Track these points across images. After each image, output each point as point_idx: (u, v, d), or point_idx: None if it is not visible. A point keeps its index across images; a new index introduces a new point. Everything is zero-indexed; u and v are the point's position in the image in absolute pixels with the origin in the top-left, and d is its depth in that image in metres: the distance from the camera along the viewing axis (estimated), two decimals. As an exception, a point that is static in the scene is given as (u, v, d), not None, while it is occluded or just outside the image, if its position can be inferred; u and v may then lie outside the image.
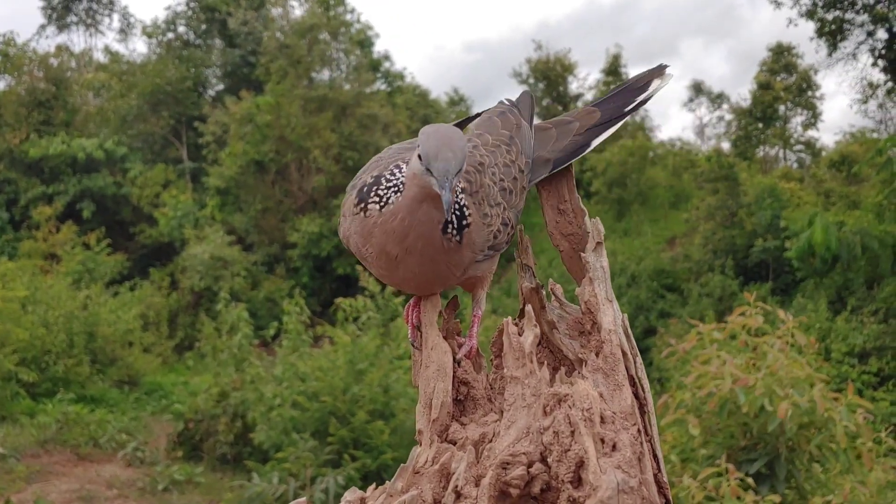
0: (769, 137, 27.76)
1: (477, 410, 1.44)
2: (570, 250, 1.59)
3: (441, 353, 1.47)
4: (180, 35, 29.26)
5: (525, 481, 1.21)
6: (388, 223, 1.44)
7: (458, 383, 1.46)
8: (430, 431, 1.39)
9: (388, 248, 1.45)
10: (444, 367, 1.44)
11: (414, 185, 1.40)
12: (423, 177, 1.37)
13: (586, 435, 1.19)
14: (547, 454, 1.22)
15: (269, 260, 22.17)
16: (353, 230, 1.52)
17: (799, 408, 4.51)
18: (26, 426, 12.10)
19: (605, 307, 1.49)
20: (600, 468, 1.16)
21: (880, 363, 13.17)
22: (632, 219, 23.86)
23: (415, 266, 1.46)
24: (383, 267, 1.49)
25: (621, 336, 1.45)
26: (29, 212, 22.91)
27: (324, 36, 24.56)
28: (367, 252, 1.50)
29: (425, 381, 1.45)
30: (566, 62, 29.88)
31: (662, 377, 12.44)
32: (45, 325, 14.55)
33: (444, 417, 1.40)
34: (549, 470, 1.22)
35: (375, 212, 1.46)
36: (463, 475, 1.25)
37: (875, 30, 18.62)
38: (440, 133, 1.41)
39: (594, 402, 1.23)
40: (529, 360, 1.37)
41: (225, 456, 11.50)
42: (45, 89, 25.56)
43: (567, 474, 1.18)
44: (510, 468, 1.21)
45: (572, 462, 1.19)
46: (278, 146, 22.68)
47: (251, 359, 12.10)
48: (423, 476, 1.31)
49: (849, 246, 14.36)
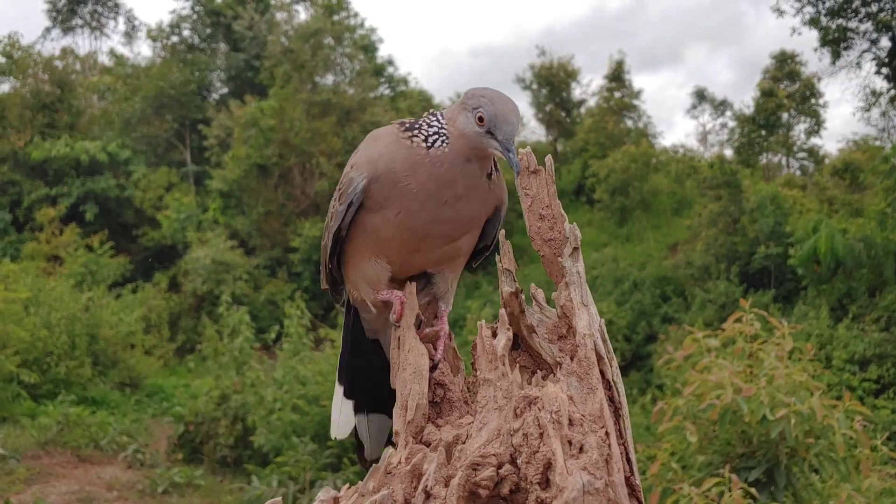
0: (772, 145, 27.77)
1: (453, 412, 1.46)
2: (551, 255, 1.61)
3: (417, 356, 1.48)
4: (185, 39, 29.36)
5: (494, 482, 1.22)
6: (436, 167, 1.49)
7: (435, 385, 1.48)
8: (406, 433, 1.40)
9: (437, 190, 1.50)
10: (421, 370, 1.46)
11: (463, 143, 1.49)
12: (478, 138, 1.47)
13: (554, 437, 1.22)
14: (517, 456, 1.24)
15: (271, 263, 22.20)
16: (397, 155, 1.52)
17: (800, 415, 4.51)
18: (27, 427, 12.10)
19: (581, 311, 1.50)
20: (567, 470, 1.18)
21: (881, 370, 13.15)
22: (634, 225, 23.87)
23: (463, 208, 1.53)
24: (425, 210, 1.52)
25: (597, 340, 1.48)
26: (32, 214, 22.97)
27: (328, 41, 24.62)
28: (406, 181, 1.51)
29: (402, 383, 1.47)
30: (569, 68, 29.91)
31: (664, 384, 12.43)
32: (47, 326, 14.57)
33: (419, 419, 1.41)
34: (518, 471, 1.23)
35: (422, 147, 1.51)
36: (433, 476, 1.26)
37: (878, 38, 18.64)
38: (503, 99, 1.49)
39: (563, 405, 1.25)
40: (502, 362, 1.39)
41: (225, 459, 11.51)
42: (49, 92, 25.64)
43: (535, 476, 1.20)
44: (480, 469, 1.23)
45: (540, 464, 1.21)
46: (281, 150, 22.73)
47: (252, 362, 12.12)
48: (394, 476, 1.32)
49: (853, 253, 14.36)
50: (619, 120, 28.65)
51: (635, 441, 5.56)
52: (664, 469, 5.06)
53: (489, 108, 1.46)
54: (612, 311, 17.36)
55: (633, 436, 5.44)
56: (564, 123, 30.60)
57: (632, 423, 5.69)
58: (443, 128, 1.52)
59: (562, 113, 30.60)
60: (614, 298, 18.23)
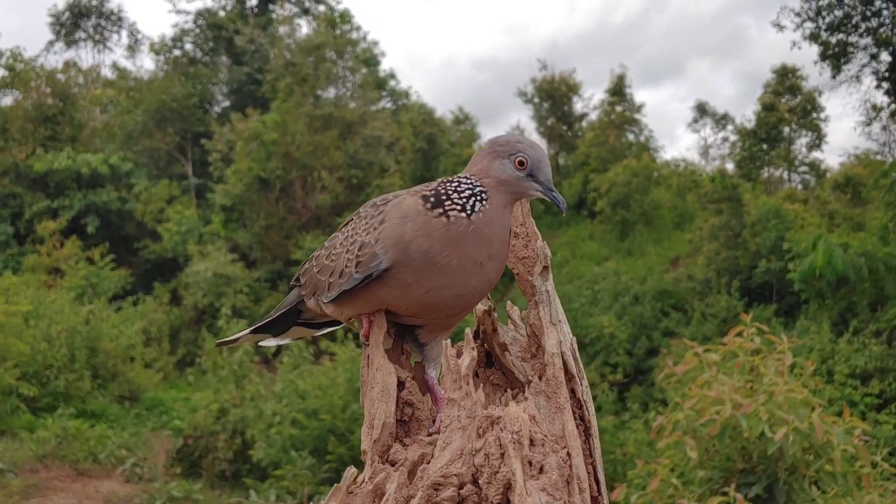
0: (773, 159, 27.78)
1: (421, 431, 1.45)
2: (525, 273, 1.61)
3: (385, 375, 1.47)
4: (187, 52, 29.46)
5: (456, 502, 1.21)
6: (482, 230, 1.47)
7: (403, 404, 1.47)
8: (372, 451, 1.40)
9: (476, 254, 1.47)
10: (388, 389, 1.46)
11: (503, 190, 1.49)
12: (520, 182, 1.50)
13: (514, 457, 1.21)
14: (478, 476, 1.23)
15: (271, 276, 22.19)
16: (433, 235, 1.46)
17: (799, 432, 4.48)
18: (26, 441, 12.07)
19: (550, 330, 1.51)
20: (526, 491, 1.17)
21: (882, 385, 13.09)
22: (635, 239, 23.84)
23: (491, 272, 1.50)
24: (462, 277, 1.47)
25: (568, 358, 1.47)
26: (33, 226, 22.97)
27: (330, 54, 24.70)
28: (447, 259, 1.46)
29: (370, 401, 1.46)
30: (571, 82, 29.98)
31: (666, 398, 12.38)
32: (47, 339, 14.55)
33: (385, 438, 1.41)
34: (479, 491, 1.22)
35: (461, 218, 1.47)
36: (393, 495, 1.26)
37: (878, 53, 18.68)
38: (540, 147, 1.54)
39: (524, 425, 1.24)
40: (465, 382, 1.38)
41: (224, 473, 11.46)
42: (51, 105, 25.73)
43: (496, 496, 1.19)
44: (441, 489, 1.22)
45: (501, 484, 1.20)
46: (283, 163, 22.76)
47: (251, 376, 12.09)
48: (356, 496, 1.32)
49: (855, 268, 14.32)
50: (620, 134, 28.68)
51: (638, 456, 5.57)
52: (664, 485, 5.03)
53: (530, 153, 1.50)
54: (612, 324, 17.31)
55: (636, 451, 5.47)
56: (566, 137, 30.65)
57: (634, 438, 5.73)
58: (476, 185, 1.50)
59: (563, 127, 30.65)
60: (615, 312, 18.18)
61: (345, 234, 1.63)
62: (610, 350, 17.01)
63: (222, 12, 29.15)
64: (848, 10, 18.31)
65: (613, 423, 13.19)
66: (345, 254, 1.57)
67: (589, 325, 17.53)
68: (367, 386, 1.49)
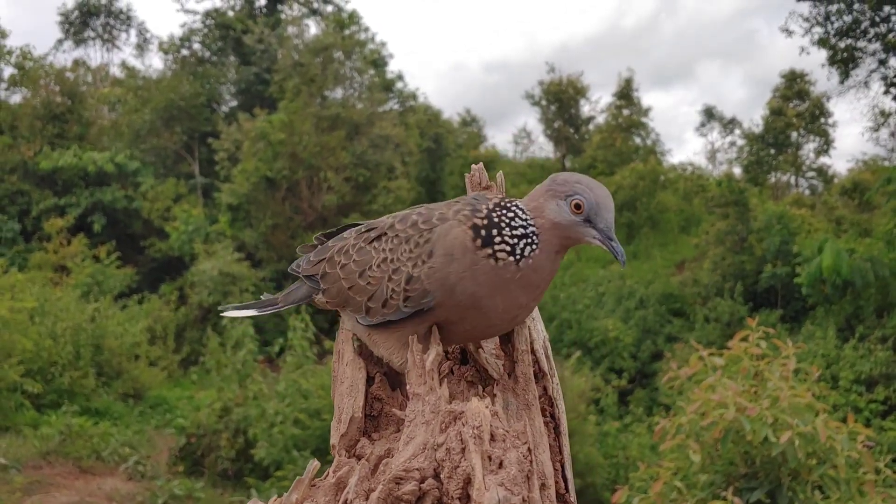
0: (781, 164, 27.72)
1: (390, 427, 1.45)
2: None
3: (355, 370, 1.48)
4: (195, 52, 29.52)
5: (416, 496, 1.22)
6: (529, 277, 1.39)
7: (373, 399, 1.48)
8: (340, 446, 1.41)
9: (521, 300, 1.40)
10: (357, 384, 1.47)
11: (556, 234, 1.40)
12: (575, 227, 1.39)
13: (474, 452, 1.22)
14: (440, 470, 1.25)
15: (277, 276, 22.20)
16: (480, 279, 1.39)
17: (803, 437, 4.46)
18: (29, 437, 12.08)
19: (521, 328, 1.51)
20: (485, 485, 1.19)
21: (888, 392, 13.05)
22: (641, 242, 23.82)
23: (531, 309, 1.45)
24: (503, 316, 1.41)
25: (540, 356, 1.49)
26: (40, 223, 23.03)
27: (338, 55, 24.72)
28: (492, 303, 1.40)
29: (339, 396, 1.48)
30: (578, 85, 29.97)
31: (669, 403, 12.35)
32: (52, 336, 14.58)
33: (353, 432, 1.42)
34: (441, 486, 1.24)
35: (510, 263, 1.38)
36: (353, 488, 1.27)
37: (887, 58, 18.62)
38: (600, 185, 1.43)
39: (485, 421, 1.26)
40: (430, 377, 1.39)
41: (226, 472, 11.47)
42: (60, 103, 25.79)
43: (456, 491, 1.21)
44: (403, 483, 1.23)
45: (461, 479, 1.21)
46: (290, 163, 22.77)
47: (255, 375, 12.09)
48: (319, 489, 1.33)
49: (860, 273, 14.28)
50: (627, 137, 28.67)
51: (641, 460, 5.57)
52: (667, 488, 5.01)
53: (589, 196, 1.40)
54: (617, 328, 17.29)
55: (639, 455, 5.47)
56: (573, 140, 30.64)
57: (637, 442, 5.74)
58: (529, 224, 1.41)
59: (570, 129, 30.65)
60: (619, 315, 18.16)
61: (380, 254, 1.50)
62: (615, 354, 16.98)
63: (231, 12, 29.20)
64: (857, 15, 18.26)
65: (616, 427, 13.17)
66: (387, 281, 1.46)
67: (594, 329, 17.51)
68: (338, 381, 1.50)
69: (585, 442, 11.32)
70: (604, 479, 11.13)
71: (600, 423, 12.92)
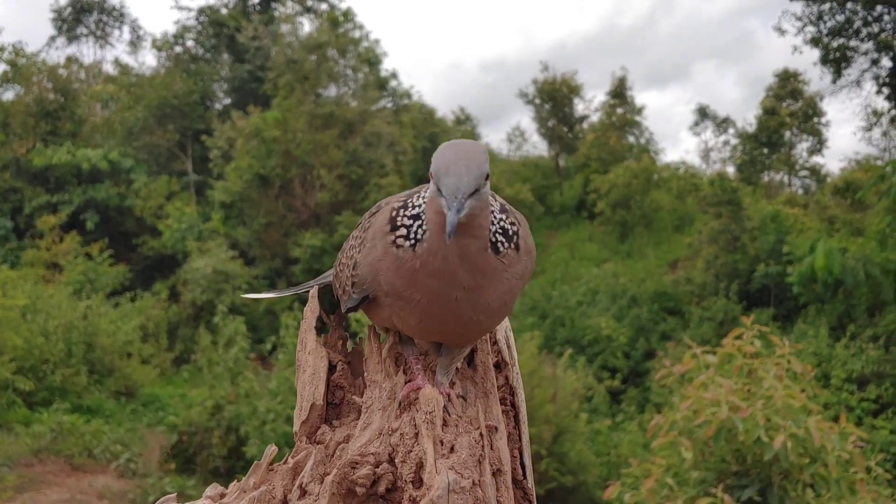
0: (774, 163, 27.79)
1: (351, 414, 1.48)
2: None
3: (317, 358, 1.51)
4: (188, 49, 29.45)
5: (371, 480, 1.25)
6: (431, 264, 1.23)
7: (335, 387, 1.51)
8: (300, 432, 1.44)
9: (442, 291, 1.24)
10: (319, 372, 1.49)
11: (431, 211, 1.23)
12: (437, 200, 1.19)
13: (427, 437, 1.26)
14: (394, 455, 1.28)
15: (270, 274, 22.18)
16: (390, 269, 1.28)
17: (796, 438, 4.47)
18: (21, 435, 12.05)
19: None
20: (436, 469, 1.22)
21: (879, 390, 13.11)
22: (635, 241, 23.86)
23: (485, 300, 1.27)
24: (437, 313, 1.27)
25: (502, 346, 1.51)
26: (33, 221, 22.95)
27: (332, 53, 24.68)
28: (410, 297, 1.27)
29: (301, 384, 1.50)
30: (572, 84, 29.99)
31: (661, 402, 12.38)
32: (44, 333, 14.52)
33: (314, 419, 1.45)
34: (395, 470, 1.27)
35: (408, 250, 1.25)
36: (309, 472, 1.30)
37: (879, 58, 18.67)
38: (455, 147, 1.22)
39: (437, 406, 1.29)
40: (386, 364, 1.42)
41: (218, 469, 11.46)
42: (52, 100, 25.69)
43: (409, 474, 1.25)
44: (358, 467, 1.26)
45: (414, 463, 1.25)
46: (283, 161, 22.75)
47: (246, 372, 12.07)
48: (276, 473, 1.36)
49: (852, 272, 14.32)
50: (621, 136, 28.70)
51: (632, 456, 5.59)
52: (658, 485, 5.02)
53: (435, 162, 1.19)
54: (610, 326, 17.31)
55: (629, 452, 5.49)
56: (567, 139, 30.66)
57: (628, 440, 5.76)
58: (423, 204, 1.26)
59: (564, 128, 30.67)
60: (612, 314, 18.19)
61: (349, 241, 1.45)
62: (608, 353, 17.01)
63: (224, 9, 29.13)
64: (849, 14, 18.31)
65: (608, 426, 13.19)
66: (346, 269, 1.41)
67: (586, 327, 17.53)
68: (300, 369, 1.52)
69: (577, 440, 11.34)
70: (595, 478, 11.15)
71: (591, 420, 12.94)
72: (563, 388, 11.90)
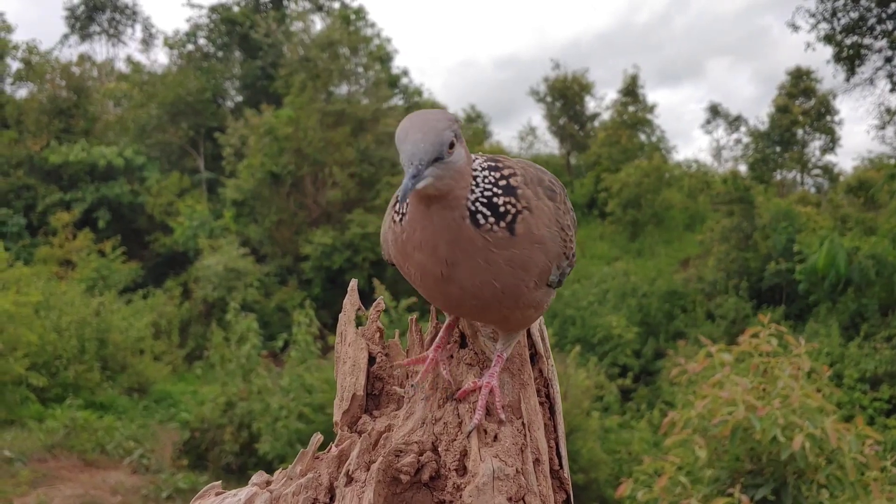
0: (787, 161, 27.66)
1: (390, 405, 1.51)
2: None
3: (357, 350, 1.54)
4: (200, 47, 29.52)
5: (415, 468, 1.29)
6: (412, 237, 1.22)
7: (374, 379, 1.53)
8: (342, 422, 1.47)
9: (426, 266, 1.22)
10: (359, 363, 1.52)
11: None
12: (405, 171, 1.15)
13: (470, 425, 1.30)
14: (438, 443, 1.32)
15: (281, 272, 22.23)
16: (391, 239, 1.30)
17: (813, 439, 4.45)
18: (34, 431, 12.14)
19: None
20: (480, 457, 1.26)
21: (892, 390, 13.02)
22: (646, 239, 23.79)
23: (467, 279, 1.21)
24: (432, 289, 1.26)
25: (536, 339, 1.54)
26: (46, 218, 23.07)
27: (344, 50, 24.70)
28: (409, 272, 1.28)
29: (342, 376, 1.53)
30: (583, 81, 29.92)
31: (672, 400, 12.34)
32: (57, 330, 14.61)
33: (355, 409, 1.48)
34: (438, 458, 1.30)
35: (396, 222, 1.26)
36: (355, 460, 1.33)
37: (893, 56, 18.53)
38: (415, 115, 1.19)
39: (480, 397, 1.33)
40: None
41: (229, 466, 11.49)
42: (66, 97, 25.81)
43: (453, 462, 1.28)
44: (402, 456, 1.29)
45: (457, 451, 1.29)
46: (295, 159, 22.78)
47: (259, 369, 12.10)
48: (322, 461, 1.39)
49: (862, 270, 14.24)
50: (632, 134, 28.62)
51: (643, 454, 5.58)
52: (672, 483, 5.00)
53: (398, 130, 1.17)
54: (621, 325, 17.27)
55: (640, 450, 5.48)
56: (578, 137, 30.60)
57: (639, 437, 5.74)
58: None
59: (575, 126, 30.61)
60: (623, 312, 18.15)
61: None
62: (618, 351, 16.97)
63: (236, 7, 29.20)
64: (863, 11, 18.19)
65: (619, 423, 13.17)
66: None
67: (597, 325, 17.49)
68: (340, 361, 1.56)
69: (589, 438, 11.32)
70: (607, 475, 11.13)
71: (603, 418, 12.92)
72: (576, 386, 11.89)
